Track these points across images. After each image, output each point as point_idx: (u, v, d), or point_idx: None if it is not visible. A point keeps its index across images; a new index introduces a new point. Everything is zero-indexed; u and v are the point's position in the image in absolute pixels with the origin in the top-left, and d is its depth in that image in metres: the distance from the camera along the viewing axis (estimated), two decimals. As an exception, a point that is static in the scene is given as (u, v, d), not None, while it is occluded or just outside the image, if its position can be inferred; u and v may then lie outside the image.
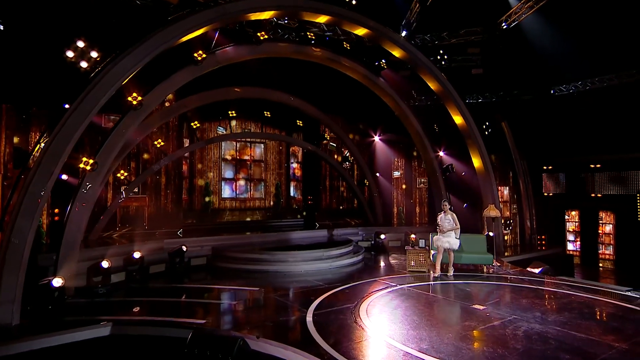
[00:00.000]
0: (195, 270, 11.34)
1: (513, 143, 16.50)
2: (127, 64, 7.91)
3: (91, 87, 7.44)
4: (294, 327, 6.57)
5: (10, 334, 6.60)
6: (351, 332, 6.27)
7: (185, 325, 6.70)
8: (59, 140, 7.22)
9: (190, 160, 16.44)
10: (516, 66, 16.60)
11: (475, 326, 6.60)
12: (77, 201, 8.66)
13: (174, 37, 8.54)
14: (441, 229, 10.15)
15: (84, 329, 6.74)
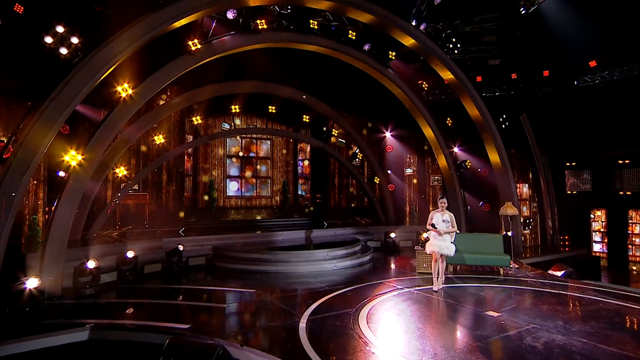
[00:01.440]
0: (193, 271, 10.85)
1: (533, 138, 15.49)
2: (111, 50, 7.43)
3: (71, 75, 6.97)
4: (284, 335, 5.94)
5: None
6: (346, 342, 5.61)
7: (167, 330, 6.16)
8: (36, 133, 6.78)
9: (194, 157, 16.01)
10: (536, 56, 15.59)
11: (488, 336, 5.84)
12: (63, 198, 8.24)
13: (165, 23, 8.04)
14: (436, 231, 8.31)
15: (59, 334, 6.27)
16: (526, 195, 15.95)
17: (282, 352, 5.29)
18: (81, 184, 8.44)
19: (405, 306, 7.38)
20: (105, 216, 11.88)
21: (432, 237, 8.44)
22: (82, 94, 7.21)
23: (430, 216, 8.52)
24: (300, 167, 19.37)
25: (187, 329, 6.21)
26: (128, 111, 8.79)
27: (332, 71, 15.17)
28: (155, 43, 9.17)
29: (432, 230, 8.38)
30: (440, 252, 8.27)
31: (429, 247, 8.48)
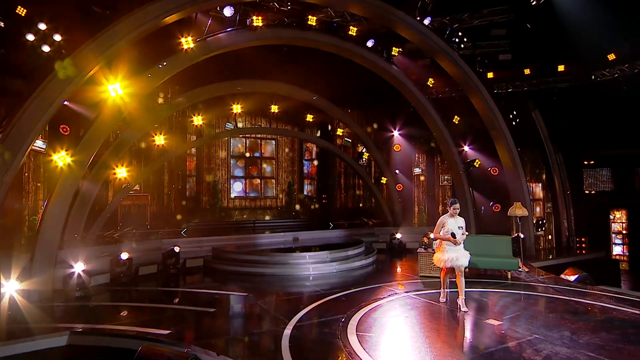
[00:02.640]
0: (189, 273, 10.63)
1: (546, 135, 14.72)
2: (97, 48, 7.22)
3: (53, 75, 6.78)
4: (266, 343, 5.61)
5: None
6: (329, 353, 5.22)
7: (145, 337, 5.89)
8: (18, 132, 6.61)
9: (198, 157, 15.84)
10: (550, 50, 14.81)
11: (485, 348, 5.35)
12: (53, 199, 8.09)
13: (148, 22, 7.78)
14: (453, 240, 6.86)
15: (37, 339, 6.06)
16: (539, 195, 15.19)
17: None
18: (72, 185, 8.29)
19: (400, 313, 6.94)
20: (105, 217, 11.74)
21: (445, 247, 6.95)
22: (66, 92, 6.99)
23: (441, 222, 7.03)
24: (306, 167, 19.01)
25: (166, 335, 5.92)
26: (119, 112, 8.58)
27: (338, 68, 14.77)
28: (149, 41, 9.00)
29: (447, 240, 6.86)
30: (459, 265, 6.87)
31: (444, 261, 6.92)
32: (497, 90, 16.63)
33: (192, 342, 5.54)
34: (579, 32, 13.59)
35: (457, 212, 7.04)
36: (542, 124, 14.65)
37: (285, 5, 12.27)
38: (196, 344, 5.49)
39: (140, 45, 8.96)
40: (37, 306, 7.28)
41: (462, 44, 12.97)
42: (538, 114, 14.59)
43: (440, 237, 7.01)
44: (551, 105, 15.29)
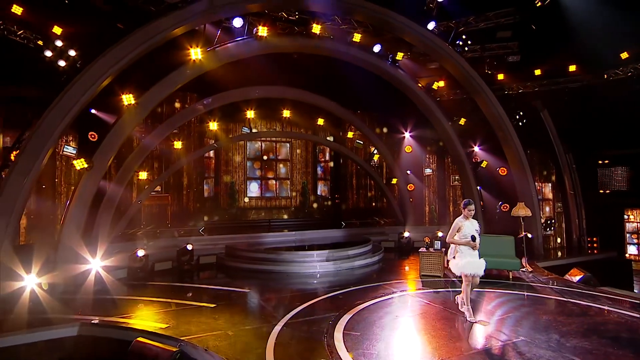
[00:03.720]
0: (202, 269, 10.79)
1: (556, 135, 14.01)
2: (107, 62, 7.43)
3: (70, 86, 7.02)
4: (253, 339, 5.55)
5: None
6: (311, 351, 5.13)
7: (145, 330, 5.99)
8: (37, 139, 6.88)
9: (216, 160, 16.09)
10: (560, 50, 14.11)
11: (465, 350, 5.13)
12: (75, 200, 8.39)
13: (157, 35, 7.94)
14: (473, 244, 5.97)
15: (51, 329, 6.31)
16: (549, 195, 14.51)
17: (244, 358, 4.92)
18: (91, 187, 8.56)
19: (392, 312, 6.76)
20: (129, 216, 12.11)
21: (464, 252, 6.02)
22: (80, 103, 7.22)
23: (456, 226, 6.09)
24: (319, 169, 18.95)
25: (164, 329, 6.01)
26: (134, 119, 8.81)
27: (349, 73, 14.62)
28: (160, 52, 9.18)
29: (465, 244, 5.99)
30: (478, 273, 6.04)
31: (464, 267, 5.98)
32: (508, 92, 16.05)
33: (185, 336, 5.60)
34: (589, 31, 12.86)
35: (472, 213, 6.18)
36: (552, 124, 13.98)
37: (293, 15, 12.26)
38: (188, 338, 5.54)
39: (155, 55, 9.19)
40: (58, 298, 7.55)
41: (466, 47, 12.52)
42: (547, 114, 13.93)
43: (456, 241, 6.05)
44: (562, 106, 14.56)
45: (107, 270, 8.86)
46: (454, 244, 6.13)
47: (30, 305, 7.04)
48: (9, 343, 6.06)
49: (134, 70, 8.72)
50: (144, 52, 8.01)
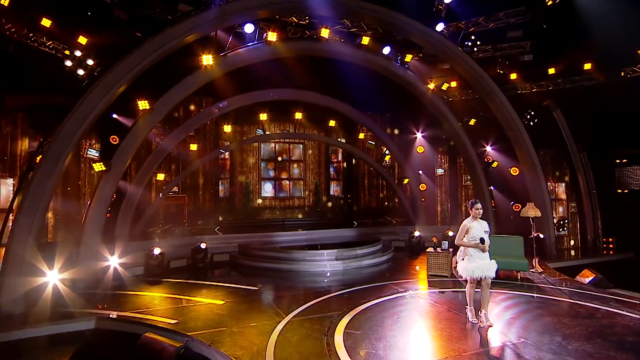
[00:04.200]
0: (215, 267, 10.96)
1: (569, 134, 13.56)
2: (122, 70, 7.65)
3: (87, 94, 7.27)
4: (255, 337, 5.62)
5: (13, 322, 6.63)
6: (310, 349, 5.15)
7: (156, 325, 6.16)
8: (59, 141, 7.16)
9: (231, 160, 16.31)
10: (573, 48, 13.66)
11: (464, 351, 5.06)
12: (95, 201, 8.68)
13: (169, 43, 8.11)
14: (482, 247, 5.75)
15: (70, 322, 6.58)
16: (562, 195, 14.06)
17: (245, 354, 4.99)
18: (109, 189, 8.84)
19: (393, 312, 6.70)
20: (148, 215, 12.45)
21: (473, 255, 5.80)
22: (98, 109, 7.47)
23: (464, 227, 5.85)
24: (332, 169, 18.95)
25: (173, 324, 6.16)
26: (149, 124, 9.05)
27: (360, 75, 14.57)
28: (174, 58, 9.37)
29: (474, 247, 5.77)
30: (489, 275, 5.82)
31: (474, 270, 5.75)
32: (521, 91, 15.66)
33: (191, 332, 5.73)
34: (604, 28, 12.39)
35: (479, 213, 5.92)
36: (565, 124, 13.55)
37: (304, 19, 12.31)
38: (194, 333, 5.67)
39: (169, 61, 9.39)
40: (79, 293, 7.82)
41: (475, 48, 12.27)
42: (560, 114, 13.51)
43: (465, 243, 5.82)
44: (576, 105, 14.08)
45: (125, 267, 9.16)
46: (463, 246, 5.90)
47: (52, 299, 7.33)
48: (32, 334, 6.37)
49: (149, 75, 8.94)
50: (156, 59, 8.20)
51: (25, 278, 7.09)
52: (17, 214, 6.94)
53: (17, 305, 7.01)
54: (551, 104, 13.50)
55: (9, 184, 7.87)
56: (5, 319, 6.72)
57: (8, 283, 6.99)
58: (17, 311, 6.92)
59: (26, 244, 7.09)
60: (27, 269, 7.09)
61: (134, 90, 9.10)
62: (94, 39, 10.31)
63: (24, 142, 8.07)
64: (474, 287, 6.02)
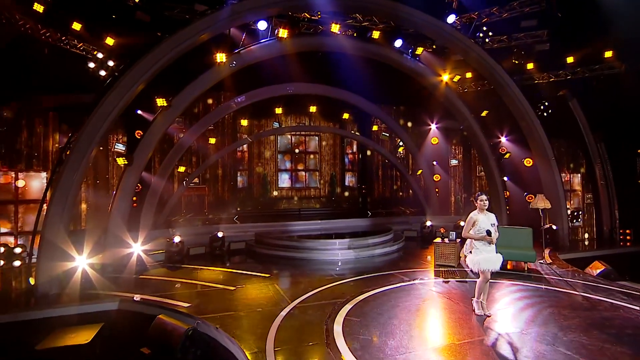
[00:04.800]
0: (232, 254, 11.29)
1: (586, 124, 13.00)
2: (140, 70, 7.92)
3: (108, 94, 7.59)
4: (260, 321, 5.83)
5: (48, 302, 7.15)
6: (310, 334, 5.29)
7: (171, 307, 6.49)
8: (85, 137, 7.54)
9: (249, 152, 16.59)
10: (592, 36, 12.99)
11: (458, 339, 5.09)
12: (119, 192, 9.10)
13: (183, 43, 8.31)
14: (489, 239, 5.63)
15: (95, 302, 7.01)
16: (578, 186, 13.56)
17: (248, 337, 5.21)
18: (132, 181, 9.24)
19: (396, 300, 6.75)
20: (171, 205, 12.91)
21: (480, 248, 5.70)
22: (119, 107, 7.79)
23: (471, 220, 5.74)
24: (347, 160, 18.95)
25: (186, 307, 6.47)
26: (167, 120, 9.34)
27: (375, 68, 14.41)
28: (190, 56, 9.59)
29: (481, 239, 5.65)
30: (495, 268, 5.68)
31: (480, 262, 5.64)
32: (539, 81, 15.08)
33: (202, 315, 6.01)
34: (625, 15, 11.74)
35: (485, 205, 5.73)
36: (581, 114, 12.99)
37: (316, 15, 12.24)
38: (204, 316, 5.94)
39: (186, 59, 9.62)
40: (105, 277, 8.30)
41: (487, 39, 11.89)
42: (575, 104, 12.96)
43: (471, 236, 5.71)
44: (594, 94, 13.44)
45: (147, 254, 9.59)
46: (470, 239, 5.79)
47: (81, 282, 7.80)
48: (64, 313, 6.86)
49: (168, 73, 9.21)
50: (172, 59, 8.42)
51: (57, 262, 7.58)
52: (49, 204, 7.40)
53: (52, 286, 7.53)
54: (567, 93, 12.94)
55: (42, 177, 8.33)
56: (41, 299, 7.27)
57: (43, 266, 7.50)
58: (52, 292, 7.44)
59: (58, 232, 7.57)
60: (59, 254, 7.57)
61: (155, 87, 9.43)
62: (119, 40, 10.68)
63: (55, 138, 8.51)
64: (486, 280, 5.78)
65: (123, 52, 10.09)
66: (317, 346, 4.91)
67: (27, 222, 8.37)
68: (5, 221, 8.48)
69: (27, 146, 8.32)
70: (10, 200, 8.37)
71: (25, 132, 8.34)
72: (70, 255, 7.69)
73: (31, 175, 8.42)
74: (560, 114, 13.14)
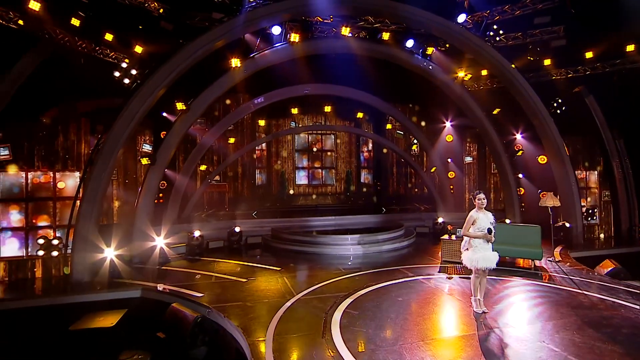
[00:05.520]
0: (248, 248, 11.64)
1: (603, 121, 12.43)
2: (159, 77, 8.34)
3: (131, 99, 8.05)
4: (265, 311, 6.08)
5: (81, 288, 7.74)
6: (308, 325, 5.49)
7: (186, 296, 6.87)
8: (111, 140, 8.05)
9: (268, 151, 16.94)
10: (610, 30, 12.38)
11: (452, 333, 5.17)
12: (144, 190, 9.62)
13: (199, 50, 8.66)
14: (489, 237, 5.64)
15: (122, 290, 7.53)
16: (594, 183, 13.03)
17: (252, 326, 5.48)
18: (155, 180, 9.74)
19: (396, 295, 6.83)
20: (194, 201, 13.45)
21: (479, 246, 5.70)
22: (142, 111, 8.25)
23: (471, 219, 5.73)
24: (362, 158, 18.98)
25: (200, 297, 6.83)
26: (186, 123, 9.76)
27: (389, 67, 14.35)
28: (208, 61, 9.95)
29: (481, 237, 5.65)
30: (491, 266, 5.69)
31: (478, 260, 5.64)
32: (556, 77, 14.53)
33: (213, 304, 6.34)
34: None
35: (483, 204, 5.75)
36: (598, 110, 12.45)
37: (328, 18, 12.33)
38: (215, 306, 6.27)
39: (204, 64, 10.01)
40: (132, 267, 8.84)
41: (497, 37, 11.61)
42: (592, 100, 12.43)
43: (471, 234, 5.70)
44: (613, 90, 12.81)
45: (170, 246, 10.10)
46: (468, 237, 5.79)
47: (110, 271, 8.35)
48: (94, 299, 7.43)
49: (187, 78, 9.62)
50: (190, 65, 8.80)
51: (89, 253, 8.16)
52: (80, 201, 7.97)
53: (84, 274, 8.11)
54: (583, 90, 12.43)
55: (76, 177, 8.94)
56: (75, 285, 7.89)
57: (76, 257, 8.10)
58: (84, 279, 8.03)
59: (89, 226, 8.13)
60: (90, 246, 8.14)
61: (177, 91, 9.90)
62: (146, 48, 11.22)
63: (87, 141, 9.11)
64: (480, 278, 5.85)
65: (149, 58, 10.62)
66: (313, 336, 5.10)
67: (64, 216, 8.99)
68: (45, 215, 9.13)
69: (63, 148, 8.92)
70: (49, 197, 9.01)
71: (61, 136, 8.93)
72: (100, 247, 8.24)
73: (67, 174, 9.02)
74: (577, 110, 12.64)
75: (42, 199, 8.96)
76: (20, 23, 8.63)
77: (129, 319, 6.87)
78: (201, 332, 5.42)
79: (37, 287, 8.19)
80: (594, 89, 12.56)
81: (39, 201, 8.93)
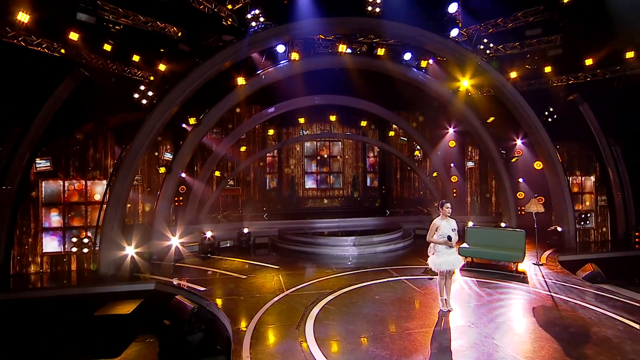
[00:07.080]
0: (256, 248, 12.36)
1: (597, 128, 12.31)
2: (173, 96, 9.23)
3: (149, 116, 8.98)
4: (254, 305, 6.67)
5: (106, 280, 8.74)
6: (287, 317, 6.12)
7: (191, 290, 7.67)
8: (131, 154, 9.00)
9: (278, 157, 17.69)
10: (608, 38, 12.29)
11: (414, 328, 5.64)
12: (161, 195, 10.57)
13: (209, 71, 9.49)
14: (450, 244, 6.06)
15: (136, 283, 8.45)
16: (590, 188, 12.92)
17: (239, 317, 6.18)
18: (172, 187, 10.67)
19: (375, 293, 7.30)
20: (210, 204, 14.39)
21: (442, 251, 6.13)
22: (158, 127, 9.16)
23: (434, 226, 6.13)
24: (368, 163, 19.40)
25: (202, 291, 7.62)
26: (198, 135, 10.64)
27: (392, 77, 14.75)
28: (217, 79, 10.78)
29: (442, 243, 6.08)
30: (454, 268, 6.24)
31: (441, 264, 6.09)
32: (557, 83, 14.46)
33: (211, 297, 7.09)
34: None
35: (449, 212, 6.15)
36: (592, 117, 12.35)
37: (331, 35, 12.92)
38: (212, 299, 7.03)
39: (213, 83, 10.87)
40: (148, 263, 9.78)
41: (487, 50, 11.80)
42: (586, 107, 12.35)
43: (434, 240, 6.14)
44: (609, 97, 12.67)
45: (184, 245, 11.00)
46: (433, 243, 6.21)
47: (130, 267, 9.32)
48: (116, 290, 8.34)
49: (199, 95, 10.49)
50: (199, 85, 9.65)
51: (112, 251, 9.16)
52: (106, 206, 8.98)
53: (108, 269, 9.11)
54: (577, 97, 12.39)
55: (103, 184, 9.97)
56: (101, 278, 8.89)
57: (102, 254, 9.11)
58: (109, 273, 9.03)
59: (113, 227, 9.14)
60: (114, 245, 9.14)
61: (190, 107, 10.81)
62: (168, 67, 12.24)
63: (113, 152, 10.14)
64: (445, 279, 6.29)
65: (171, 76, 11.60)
66: (288, 327, 5.73)
67: (93, 218, 10.05)
68: (79, 218, 10.23)
69: (93, 160, 9.98)
70: (82, 202, 10.09)
71: (92, 149, 10.00)
72: (122, 246, 9.23)
73: (96, 182, 10.07)
74: (572, 117, 12.60)
75: (76, 203, 10.06)
76: (62, 51, 9.78)
77: (143, 307, 7.74)
78: (198, 321, 6.14)
79: (71, 279, 9.28)
80: (592, 96, 12.49)
81: (74, 205, 10.07)
